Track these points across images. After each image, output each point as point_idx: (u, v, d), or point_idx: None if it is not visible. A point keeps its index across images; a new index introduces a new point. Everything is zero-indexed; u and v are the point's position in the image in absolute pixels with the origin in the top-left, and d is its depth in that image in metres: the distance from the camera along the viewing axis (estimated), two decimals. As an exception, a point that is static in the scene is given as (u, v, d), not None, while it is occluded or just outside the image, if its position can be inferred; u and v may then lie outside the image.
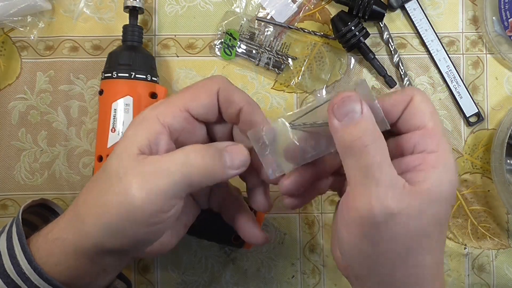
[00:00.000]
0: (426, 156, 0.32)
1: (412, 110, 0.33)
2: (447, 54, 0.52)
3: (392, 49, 0.52)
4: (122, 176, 0.32)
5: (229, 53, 0.52)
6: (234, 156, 0.34)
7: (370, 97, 0.32)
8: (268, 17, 0.53)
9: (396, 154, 0.33)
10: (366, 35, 0.50)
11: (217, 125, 0.37)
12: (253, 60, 0.53)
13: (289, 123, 0.34)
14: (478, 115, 0.53)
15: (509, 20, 0.51)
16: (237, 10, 0.53)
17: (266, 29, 0.52)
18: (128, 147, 0.32)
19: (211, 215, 0.46)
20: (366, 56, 0.52)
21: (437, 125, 0.32)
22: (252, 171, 0.37)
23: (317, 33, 0.52)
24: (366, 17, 0.50)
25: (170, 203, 0.32)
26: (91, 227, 0.33)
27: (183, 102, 0.34)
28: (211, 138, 0.38)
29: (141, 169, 0.32)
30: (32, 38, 0.52)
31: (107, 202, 0.32)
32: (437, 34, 0.52)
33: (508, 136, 0.49)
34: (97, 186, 0.33)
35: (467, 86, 0.53)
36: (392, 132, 0.34)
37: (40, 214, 0.43)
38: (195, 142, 0.35)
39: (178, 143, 0.35)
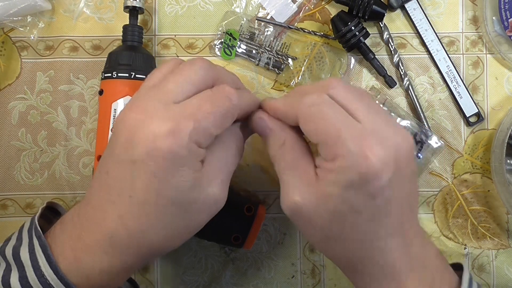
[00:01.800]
0: (325, 162, 0.34)
1: (302, 128, 0.35)
2: (447, 54, 0.53)
3: (392, 49, 0.53)
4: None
5: (229, 53, 0.52)
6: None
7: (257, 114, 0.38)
8: (268, 17, 0.53)
9: None
10: (366, 35, 0.50)
11: None
12: (253, 60, 0.53)
13: None
14: (478, 115, 0.53)
15: (509, 20, 0.51)
16: (237, 10, 0.53)
17: (266, 29, 0.52)
18: (192, 180, 0.33)
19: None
20: (366, 56, 0.52)
21: (327, 138, 0.33)
22: None
23: (317, 33, 0.52)
24: (366, 17, 0.50)
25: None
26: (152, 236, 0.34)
27: (216, 131, 0.34)
28: None
29: (215, 182, 0.35)
30: (32, 38, 0.52)
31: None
32: (437, 34, 0.52)
33: (508, 136, 0.49)
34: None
35: (467, 86, 0.53)
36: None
37: (44, 216, 0.43)
38: None
39: None
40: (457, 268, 0.40)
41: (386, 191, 0.32)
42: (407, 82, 0.52)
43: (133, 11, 0.49)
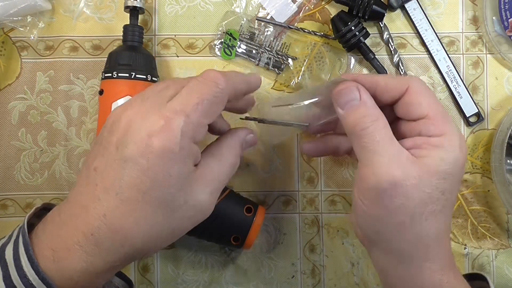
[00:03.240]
0: (430, 138, 0.35)
1: (410, 101, 0.37)
2: (447, 54, 0.53)
3: (392, 49, 0.53)
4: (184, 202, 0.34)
5: (229, 53, 0.52)
6: (249, 143, 0.40)
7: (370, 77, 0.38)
8: (268, 17, 0.53)
9: (405, 137, 0.37)
10: (366, 35, 0.50)
11: None
12: (253, 60, 0.53)
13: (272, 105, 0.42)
14: (478, 115, 0.53)
15: (509, 20, 0.51)
16: (237, 10, 0.53)
17: (266, 29, 0.52)
18: (184, 181, 0.33)
19: (211, 216, 0.46)
20: (366, 56, 0.52)
21: (437, 112, 0.36)
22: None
23: (317, 33, 0.52)
24: (366, 17, 0.50)
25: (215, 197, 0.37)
26: (137, 241, 0.33)
27: (207, 120, 0.34)
28: None
29: (206, 190, 0.35)
30: (32, 38, 0.52)
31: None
32: (437, 34, 0.52)
33: (508, 136, 0.49)
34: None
35: (467, 86, 0.53)
36: (399, 117, 0.38)
37: (42, 216, 0.43)
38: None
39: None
40: (473, 278, 0.43)
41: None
42: (407, 82, 0.52)
43: (134, 11, 0.49)
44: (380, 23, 0.53)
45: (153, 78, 0.48)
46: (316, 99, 0.40)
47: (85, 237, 0.33)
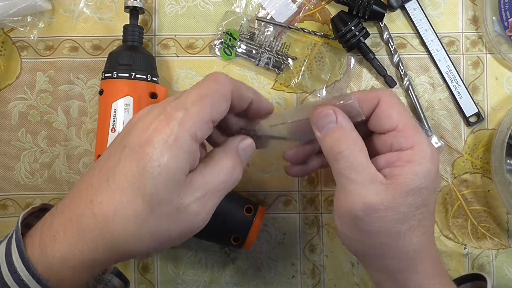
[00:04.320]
0: (401, 153, 0.36)
1: (380, 113, 0.37)
2: (447, 54, 0.53)
3: (392, 49, 0.52)
4: (180, 204, 0.32)
5: (229, 53, 0.52)
6: (247, 150, 0.38)
7: (348, 97, 0.37)
8: (268, 17, 0.53)
9: (379, 151, 0.38)
10: (366, 35, 0.50)
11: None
12: (253, 60, 0.53)
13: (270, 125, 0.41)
14: (478, 115, 0.53)
15: (509, 20, 0.51)
16: (237, 10, 0.53)
17: (266, 29, 0.52)
18: (172, 176, 0.32)
19: (211, 216, 0.46)
20: (366, 56, 0.52)
21: (407, 123, 0.36)
22: None
23: (317, 33, 0.52)
24: (366, 17, 0.50)
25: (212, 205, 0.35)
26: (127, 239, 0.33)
27: (208, 115, 0.33)
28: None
29: (194, 195, 0.33)
30: (32, 38, 0.52)
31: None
32: (437, 34, 0.52)
33: (508, 136, 0.48)
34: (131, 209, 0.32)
35: (467, 86, 0.53)
36: (372, 130, 0.39)
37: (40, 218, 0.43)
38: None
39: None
40: (469, 278, 0.44)
41: (439, 187, 0.38)
42: (407, 82, 0.52)
43: (134, 11, 0.49)
44: (380, 23, 0.53)
45: (153, 78, 0.48)
46: (304, 118, 0.40)
47: (71, 222, 0.33)
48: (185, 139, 0.32)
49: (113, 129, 0.47)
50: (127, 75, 0.47)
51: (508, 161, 0.51)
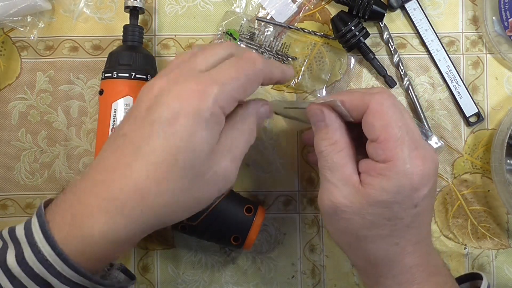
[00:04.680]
0: (376, 164, 0.36)
1: (366, 121, 0.36)
2: (447, 54, 0.53)
3: (392, 49, 0.52)
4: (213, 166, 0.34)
5: (229, 53, 0.52)
6: (264, 115, 0.40)
7: (333, 100, 0.37)
8: (268, 17, 0.53)
9: (366, 154, 0.38)
10: (366, 35, 0.50)
11: None
12: (253, 60, 0.53)
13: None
14: (478, 115, 0.53)
15: (509, 20, 0.51)
16: (237, 10, 0.53)
17: (266, 29, 0.52)
18: (206, 148, 0.33)
19: (211, 215, 0.46)
20: (366, 56, 0.52)
21: (389, 137, 0.35)
22: None
23: (317, 33, 0.52)
24: (366, 17, 0.50)
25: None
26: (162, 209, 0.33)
27: (240, 94, 0.35)
28: None
29: (226, 158, 0.35)
30: (32, 38, 0.52)
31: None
32: (437, 34, 0.52)
33: (508, 136, 0.48)
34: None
35: (467, 86, 0.53)
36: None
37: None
38: None
39: None
40: (468, 278, 0.44)
41: (425, 200, 0.36)
42: (407, 82, 0.52)
43: (134, 11, 0.49)
44: (380, 23, 0.53)
45: (153, 78, 0.48)
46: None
47: (110, 200, 0.32)
48: (217, 114, 0.33)
49: (113, 129, 0.47)
50: (127, 75, 0.47)
51: (508, 161, 0.51)
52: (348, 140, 0.38)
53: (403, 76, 0.52)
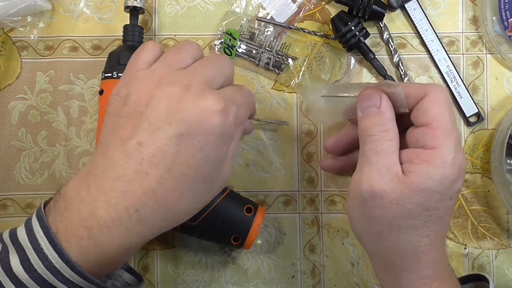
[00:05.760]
0: (422, 151, 0.36)
1: (422, 106, 0.37)
2: (447, 54, 0.53)
3: (392, 49, 0.53)
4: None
5: (229, 53, 0.52)
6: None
7: (396, 86, 0.38)
8: (268, 17, 0.53)
9: (407, 145, 0.38)
10: (366, 35, 0.50)
11: None
12: (253, 60, 0.53)
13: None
14: (478, 115, 0.53)
15: (509, 20, 0.51)
16: (237, 10, 0.53)
17: (266, 29, 0.52)
18: (223, 160, 0.36)
19: (211, 215, 0.46)
20: (366, 56, 0.52)
21: (441, 124, 0.36)
22: None
23: (317, 33, 0.52)
24: (366, 17, 0.50)
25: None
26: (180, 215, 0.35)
27: (247, 115, 0.39)
28: None
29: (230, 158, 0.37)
30: (32, 38, 0.52)
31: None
32: (437, 34, 0.52)
33: (508, 136, 0.49)
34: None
35: (467, 86, 0.53)
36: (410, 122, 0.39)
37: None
38: None
39: None
40: (471, 279, 0.45)
41: (457, 195, 0.37)
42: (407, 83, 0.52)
43: (134, 11, 0.49)
44: (380, 23, 0.53)
45: (153, 78, 0.48)
46: (352, 95, 0.42)
47: (128, 213, 0.32)
48: (234, 133, 0.36)
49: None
50: (127, 75, 0.47)
51: (508, 161, 0.51)
52: (397, 133, 0.38)
53: (403, 76, 0.52)
